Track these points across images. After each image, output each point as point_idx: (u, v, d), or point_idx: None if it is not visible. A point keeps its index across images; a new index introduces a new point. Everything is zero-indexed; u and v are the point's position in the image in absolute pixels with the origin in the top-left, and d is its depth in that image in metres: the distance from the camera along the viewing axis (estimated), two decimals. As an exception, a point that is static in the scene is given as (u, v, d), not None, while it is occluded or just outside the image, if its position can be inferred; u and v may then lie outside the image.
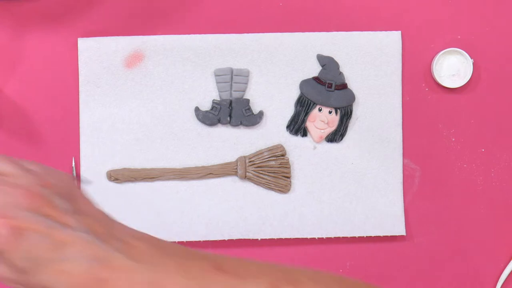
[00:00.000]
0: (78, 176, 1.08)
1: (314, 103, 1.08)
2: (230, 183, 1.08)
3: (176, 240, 1.07)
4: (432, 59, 1.09)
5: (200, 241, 1.09)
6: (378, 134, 1.09)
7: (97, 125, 1.07)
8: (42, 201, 0.58)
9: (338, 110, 1.08)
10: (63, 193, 0.61)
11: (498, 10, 1.10)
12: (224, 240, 1.09)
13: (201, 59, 1.07)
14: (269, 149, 1.08)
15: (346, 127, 1.08)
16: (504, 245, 1.11)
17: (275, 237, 1.08)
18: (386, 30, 1.09)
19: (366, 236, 1.09)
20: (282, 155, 1.08)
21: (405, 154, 1.10)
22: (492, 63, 1.10)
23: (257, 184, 1.08)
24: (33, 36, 1.08)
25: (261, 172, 1.07)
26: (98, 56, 1.07)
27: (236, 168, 1.07)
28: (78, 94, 1.07)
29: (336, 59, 1.08)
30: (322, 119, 1.08)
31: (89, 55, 1.07)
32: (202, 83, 1.08)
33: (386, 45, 1.08)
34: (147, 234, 0.63)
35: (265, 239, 1.09)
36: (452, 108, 1.10)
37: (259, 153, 1.08)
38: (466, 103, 1.10)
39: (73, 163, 1.08)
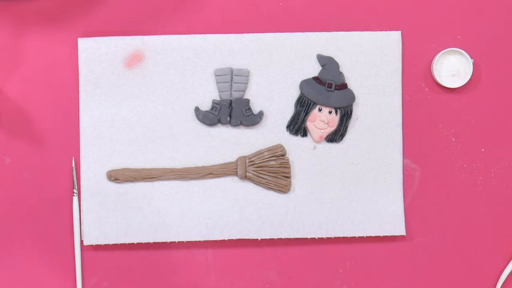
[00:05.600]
0: (78, 176, 1.08)
1: (314, 103, 1.08)
2: (230, 183, 1.08)
3: (176, 240, 1.07)
4: (432, 59, 1.09)
5: (200, 241, 1.09)
6: (378, 134, 1.09)
7: (97, 125, 1.07)
8: None
9: (338, 110, 1.08)
10: None
11: (498, 10, 1.10)
12: (224, 240, 1.09)
13: (201, 59, 1.07)
14: (269, 149, 1.08)
15: (346, 127, 1.08)
16: (504, 245, 1.11)
17: (275, 237, 1.08)
18: (386, 30, 1.09)
19: (366, 236, 1.09)
20: (282, 155, 1.08)
21: (405, 154, 1.10)
22: (492, 63, 1.10)
23: (257, 184, 1.08)
24: (33, 36, 1.08)
25: (261, 172, 1.07)
26: (98, 56, 1.07)
27: (236, 168, 1.07)
28: (78, 94, 1.07)
29: (336, 59, 1.08)
30: (322, 119, 1.08)
31: (89, 55, 1.07)
32: (202, 83, 1.08)
33: (386, 45, 1.08)
34: None
35: (265, 239, 1.09)
36: (452, 108, 1.10)
37: (259, 153, 1.08)
38: (466, 103, 1.10)
39: (73, 163, 1.08)
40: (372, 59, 1.08)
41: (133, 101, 1.07)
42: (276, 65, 1.08)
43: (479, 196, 1.11)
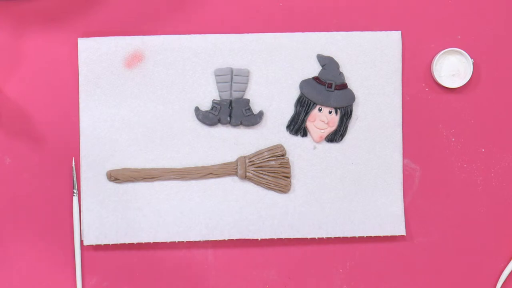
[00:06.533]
0: (78, 176, 1.08)
1: (314, 103, 1.08)
2: (230, 183, 1.08)
3: (176, 240, 1.07)
4: (432, 59, 1.09)
5: (200, 241, 1.09)
6: (378, 134, 1.09)
7: (97, 125, 1.07)
8: None
9: (338, 110, 1.08)
10: None
11: (498, 10, 1.10)
12: (224, 240, 1.09)
13: (201, 59, 1.07)
14: (269, 149, 1.08)
15: (346, 127, 1.08)
16: (504, 245, 1.11)
17: (275, 237, 1.08)
18: (386, 30, 1.09)
19: (366, 236, 1.09)
20: (282, 155, 1.08)
21: (405, 154, 1.10)
22: (492, 63, 1.10)
23: (257, 184, 1.08)
24: (33, 36, 1.08)
25: (261, 172, 1.07)
26: (98, 56, 1.07)
27: (236, 168, 1.07)
28: (78, 94, 1.07)
29: (336, 59, 1.08)
30: (322, 119, 1.08)
31: (89, 55, 1.07)
32: (202, 83, 1.08)
33: (386, 45, 1.08)
34: None
35: (265, 239, 1.09)
36: (452, 108, 1.10)
37: (259, 153, 1.08)
38: (466, 103, 1.10)
39: (73, 163, 1.08)
40: (372, 59, 1.08)
41: (133, 101, 1.07)
42: (276, 65, 1.08)
43: (479, 196, 1.11)
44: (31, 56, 1.08)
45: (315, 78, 1.08)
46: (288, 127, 1.08)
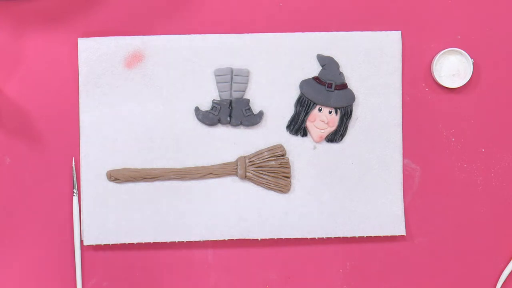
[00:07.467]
0: (78, 176, 1.08)
1: (314, 103, 1.08)
2: (230, 183, 1.08)
3: (176, 240, 1.07)
4: (432, 59, 1.09)
5: (200, 241, 1.09)
6: (378, 134, 1.09)
7: (97, 125, 1.07)
8: None
9: (338, 110, 1.08)
10: None
11: (498, 10, 1.10)
12: (224, 240, 1.09)
13: (201, 59, 1.07)
14: (269, 149, 1.08)
15: (346, 127, 1.08)
16: (504, 245, 1.11)
17: (275, 237, 1.08)
18: (386, 30, 1.09)
19: (366, 236, 1.09)
20: (282, 155, 1.08)
21: (405, 154, 1.10)
22: (492, 63, 1.10)
23: (257, 184, 1.08)
24: (33, 36, 1.08)
25: (261, 172, 1.07)
26: (98, 56, 1.07)
27: (236, 168, 1.07)
28: (78, 94, 1.07)
29: (336, 59, 1.08)
30: (322, 119, 1.08)
31: (89, 55, 1.07)
32: (202, 83, 1.08)
33: (386, 45, 1.08)
34: None
35: (265, 239, 1.09)
36: (452, 108, 1.10)
37: (259, 153, 1.08)
38: (466, 103, 1.10)
39: (73, 163, 1.08)
40: (372, 59, 1.08)
41: (133, 101, 1.07)
42: (276, 65, 1.08)
43: (479, 196, 1.11)
44: (31, 56, 1.08)
45: (315, 78, 1.08)
46: (288, 127, 1.08)
